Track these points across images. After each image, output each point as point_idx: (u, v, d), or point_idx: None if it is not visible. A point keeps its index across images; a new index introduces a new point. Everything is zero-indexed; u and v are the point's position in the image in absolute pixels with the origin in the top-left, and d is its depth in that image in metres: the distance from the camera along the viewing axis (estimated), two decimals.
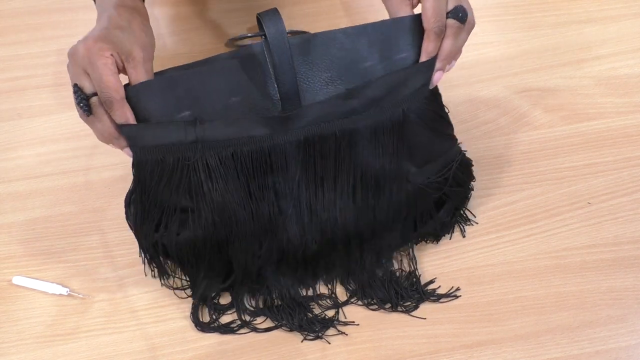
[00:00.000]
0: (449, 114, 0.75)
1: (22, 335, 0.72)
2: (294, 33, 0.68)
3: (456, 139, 0.76)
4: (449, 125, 0.75)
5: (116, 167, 0.86)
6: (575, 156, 0.85)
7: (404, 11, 0.70)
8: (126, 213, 0.71)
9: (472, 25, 0.70)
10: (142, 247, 0.72)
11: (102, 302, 0.74)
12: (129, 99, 0.64)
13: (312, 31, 0.74)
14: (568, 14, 1.03)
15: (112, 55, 0.63)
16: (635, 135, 0.87)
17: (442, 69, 0.70)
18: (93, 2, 0.76)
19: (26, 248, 0.79)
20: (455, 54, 0.70)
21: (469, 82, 0.93)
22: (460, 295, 0.73)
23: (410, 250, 0.76)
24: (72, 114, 0.92)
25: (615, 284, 0.73)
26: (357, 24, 0.69)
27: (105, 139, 0.66)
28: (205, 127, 0.65)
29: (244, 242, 0.70)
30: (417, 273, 0.74)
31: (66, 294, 0.74)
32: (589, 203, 0.80)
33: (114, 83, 0.62)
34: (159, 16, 1.05)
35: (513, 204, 0.80)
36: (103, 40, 0.63)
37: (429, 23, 0.67)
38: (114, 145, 0.67)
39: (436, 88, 0.73)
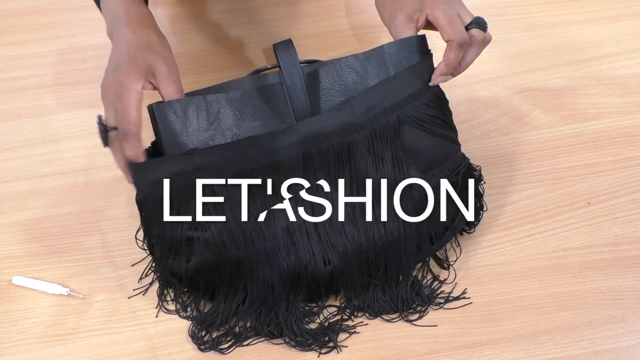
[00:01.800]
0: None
1: (22, 335, 0.72)
2: (308, 62, 0.73)
3: (459, 144, 0.76)
4: (450, 129, 0.75)
5: (116, 167, 0.85)
6: (575, 156, 0.85)
7: (407, 33, 0.72)
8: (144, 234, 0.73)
9: (489, 40, 0.72)
10: (160, 277, 0.73)
11: (102, 302, 0.74)
12: (154, 117, 0.68)
13: (313, 32, 0.74)
14: (568, 14, 1.03)
15: (142, 86, 0.66)
16: (635, 135, 0.87)
17: (453, 75, 0.72)
18: (97, 7, 0.77)
19: (26, 248, 0.79)
20: (469, 64, 0.72)
21: (469, 82, 0.93)
22: (469, 298, 0.73)
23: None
24: (72, 114, 0.93)
25: (615, 284, 0.73)
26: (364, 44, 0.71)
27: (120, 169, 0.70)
28: (203, 154, 0.67)
29: (255, 263, 0.69)
30: (424, 282, 0.74)
31: (66, 294, 0.74)
32: (589, 203, 0.80)
33: (135, 117, 0.65)
34: (160, 16, 1.05)
35: (513, 204, 0.80)
36: (132, 70, 0.66)
37: (448, 35, 0.68)
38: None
39: (442, 93, 0.73)
